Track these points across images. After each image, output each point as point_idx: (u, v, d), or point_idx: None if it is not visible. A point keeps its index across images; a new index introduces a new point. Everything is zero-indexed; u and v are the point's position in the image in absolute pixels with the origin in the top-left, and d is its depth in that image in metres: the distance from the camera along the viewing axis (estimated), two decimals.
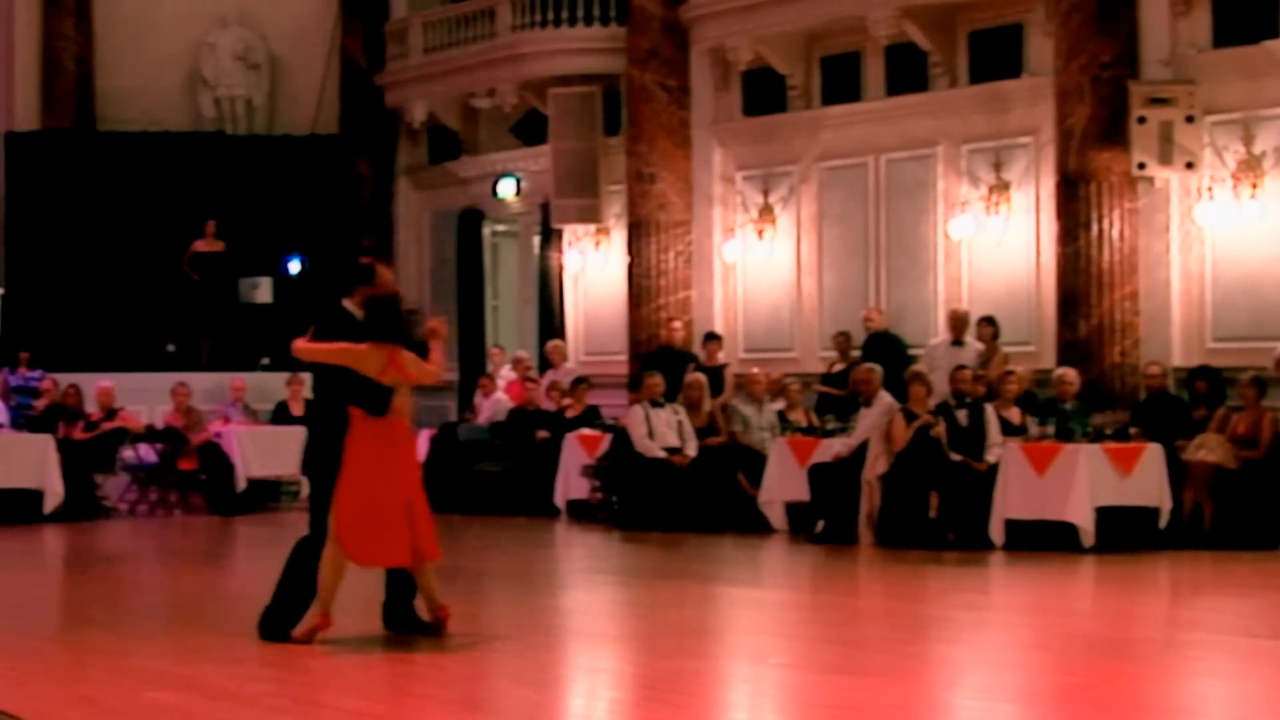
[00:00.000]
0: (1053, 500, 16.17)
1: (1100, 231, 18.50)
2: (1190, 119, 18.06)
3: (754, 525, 18.40)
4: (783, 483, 18.28)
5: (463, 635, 11.33)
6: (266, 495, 22.13)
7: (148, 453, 21.82)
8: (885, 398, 17.50)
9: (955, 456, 16.75)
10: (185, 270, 25.00)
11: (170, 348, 25.25)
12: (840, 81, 21.86)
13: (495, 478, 21.47)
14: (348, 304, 11.02)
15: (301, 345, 10.91)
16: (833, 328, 21.17)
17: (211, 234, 25.09)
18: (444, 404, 26.00)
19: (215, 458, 21.58)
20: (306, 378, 12.66)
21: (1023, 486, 16.32)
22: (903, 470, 16.81)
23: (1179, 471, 16.47)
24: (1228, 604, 13.50)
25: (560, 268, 24.92)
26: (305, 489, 12.07)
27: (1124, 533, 16.10)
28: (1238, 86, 18.06)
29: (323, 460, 10.87)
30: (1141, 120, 18.09)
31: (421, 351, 11.11)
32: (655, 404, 19.30)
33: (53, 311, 25.49)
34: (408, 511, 10.78)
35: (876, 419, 17.27)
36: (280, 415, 22.45)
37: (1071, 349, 18.54)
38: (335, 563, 10.69)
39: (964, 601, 13.51)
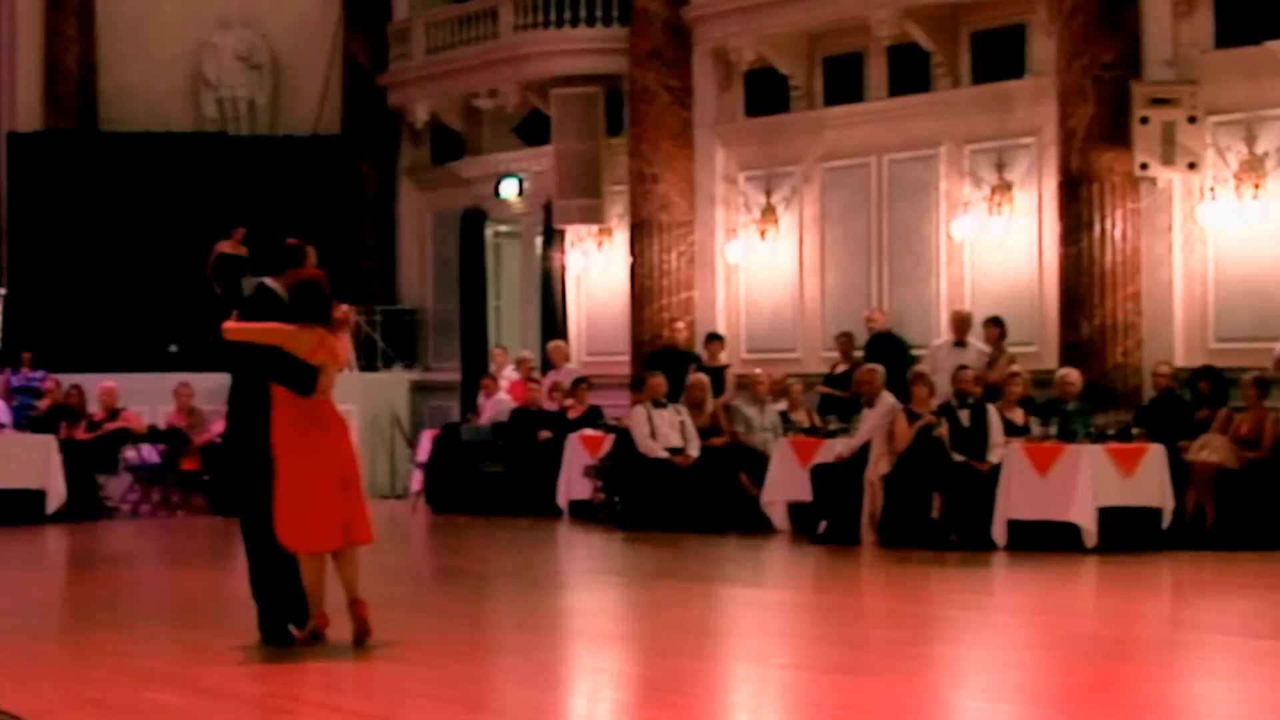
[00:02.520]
0: (1055, 501, 16.17)
1: (1103, 232, 18.50)
2: (1192, 119, 18.06)
3: (756, 526, 18.41)
4: (785, 483, 18.28)
5: (465, 636, 11.35)
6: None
7: (150, 453, 21.85)
8: (888, 398, 17.51)
9: (958, 457, 16.75)
10: (209, 277, 24.93)
11: (172, 348, 25.24)
12: (843, 82, 21.85)
13: (497, 478, 21.48)
14: (273, 284, 10.90)
15: (233, 326, 10.72)
16: (835, 328, 21.16)
17: (239, 239, 24.97)
18: (447, 404, 26.02)
19: (217, 458, 21.56)
20: None
21: (1025, 487, 16.32)
22: (905, 471, 16.82)
23: (1181, 472, 16.47)
24: (1230, 604, 13.50)
25: (563, 268, 24.91)
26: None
27: (1126, 533, 16.10)
28: (1240, 87, 18.06)
29: (252, 449, 10.68)
30: (1144, 120, 18.08)
31: None
32: (658, 404, 19.31)
33: (55, 312, 25.48)
34: (341, 492, 10.59)
35: (879, 419, 17.28)
36: None
37: (1074, 349, 18.53)
38: (309, 561, 10.60)
39: (966, 602, 13.51)
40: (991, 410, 17.02)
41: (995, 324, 19.30)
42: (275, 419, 10.56)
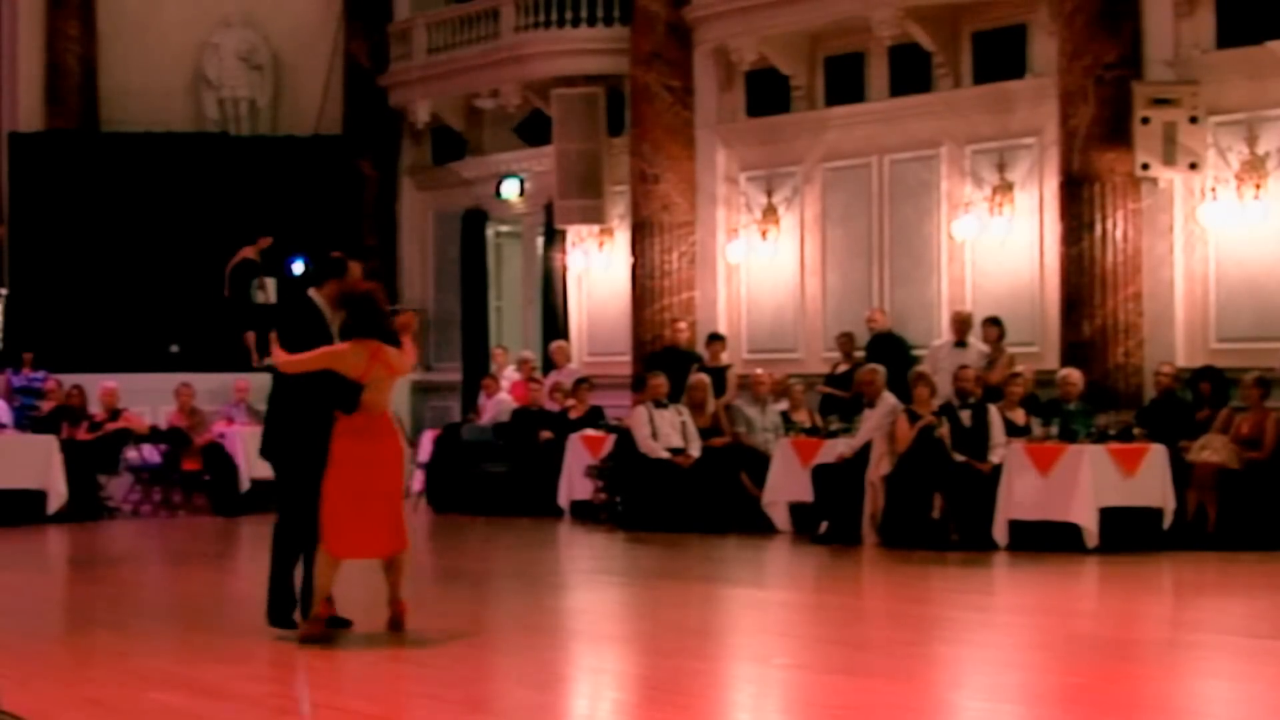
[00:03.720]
0: (1056, 501, 16.17)
1: (1104, 232, 18.50)
2: (1194, 119, 18.06)
3: (758, 526, 18.40)
4: (786, 483, 18.28)
5: (466, 636, 11.35)
6: (270, 496, 22.05)
7: (151, 453, 21.83)
8: (889, 398, 17.50)
9: (959, 457, 16.75)
10: (226, 277, 24.87)
11: (174, 348, 25.24)
12: (844, 82, 21.85)
13: (499, 478, 21.46)
14: (315, 295, 11.19)
15: (285, 360, 10.95)
16: (836, 328, 21.16)
17: (262, 247, 24.89)
18: (448, 404, 26.02)
19: (219, 458, 21.58)
20: None
21: (1026, 487, 16.32)
22: (906, 471, 16.81)
23: (1183, 472, 16.47)
24: (1231, 605, 13.50)
25: (564, 268, 24.92)
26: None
27: (1128, 533, 16.10)
28: (1241, 87, 18.06)
29: (291, 446, 11.02)
30: (1145, 121, 18.08)
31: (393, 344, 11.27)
32: (659, 405, 19.30)
33: (56, 312, 25.46)
34: (387, 504, 11.00)
35: (880, 420, 17.28)
36: None
37: (1075, 350, 18.53)
38: (327, 559, 10.85)
39: (968, 602, 13.51)
40: (993, 410, 17.02)
41: (994, 324, 19.30)
42: (336, 427, 10.89)
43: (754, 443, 19.34)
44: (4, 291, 25.41)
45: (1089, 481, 16.07)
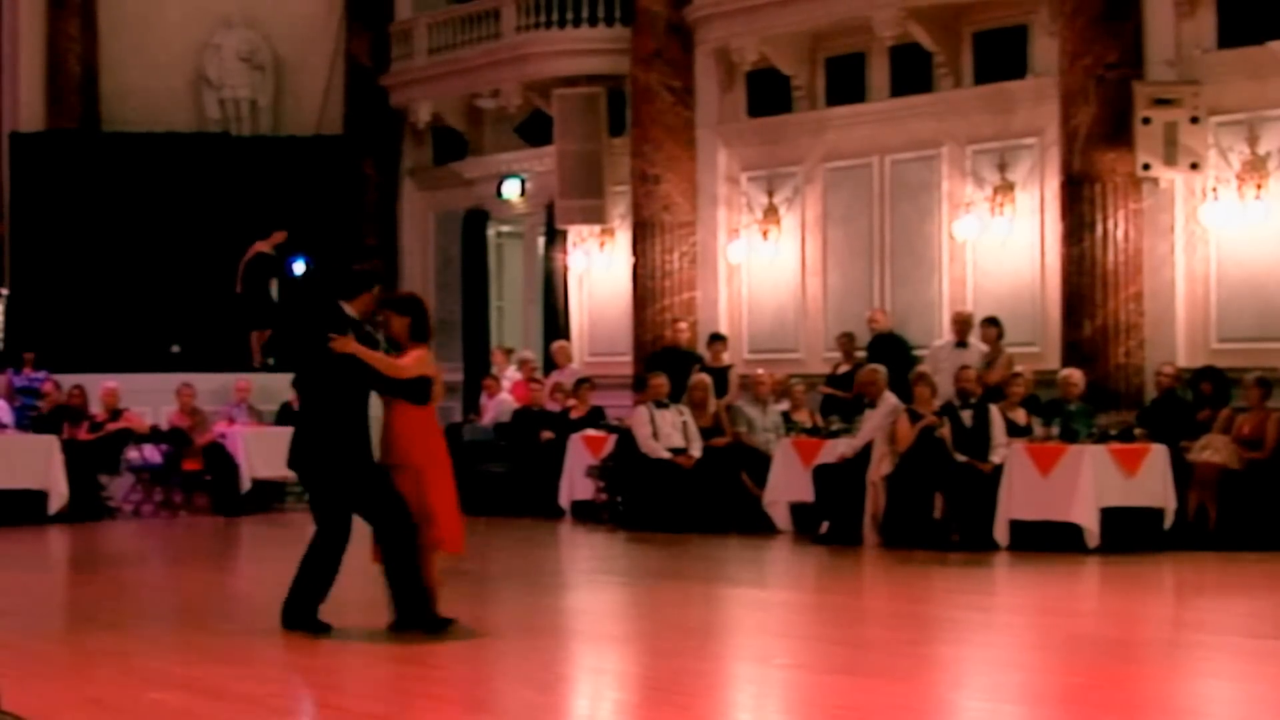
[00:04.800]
0: (1057, 501, 16.17)
1: (1105, 232, 18.49)
2: (1195, 120, 18.06)
3: (759, 526, 18.41)
4: (787, 483, 18.29)
5: (466, 636, 11.35)
6: (271, 496, 22.12)
7: (152, 453, 21.83)
8: (890, 399, 17.51)
9: (960, 457, 16.75)
10: (239, 272, 24.82)
11: (175, 348, 25.24)
12: (845, 82, 21.86)
13: (500, 478, 21.46)
14: (347, 307, 11.27)
15: (394, 364, 11.12)
16: (837, 329, 21.16)
17: (276, 242, 24.79)
18: (449, 405, 26.00)
19: (220, 458, 21.58)
20: None
21: (1027, 487, 16.32)
22: (907, 471, 16.81)
23: (1184, 472, 16.47)
24: (1232, 605, 13.50)
25: (565, 268, 24.93)
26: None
27: (1129, 533, 16.10)
28: (1242, 87, 18.06)
29: (338, 455, 11.12)
30: (1146, 121, 18.08)
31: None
32: (660, 405, 19.31)
33: (57, 312, 25.47)
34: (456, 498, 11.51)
35: (881, 420, 17.28)
36: (284, 416, 22.40)
37: (1076, 350, 18.54)
38: (436, 556, 11.25)
39: (969, 602, 13.51)
40: (994, 410, 17.02)
41: (992, 324, 19.30)
42: (411, 426, 11.27)
43: (755, 443, 19.34)
44: (4, 291, 25.41)
45: (1090, 482, 16.07)
